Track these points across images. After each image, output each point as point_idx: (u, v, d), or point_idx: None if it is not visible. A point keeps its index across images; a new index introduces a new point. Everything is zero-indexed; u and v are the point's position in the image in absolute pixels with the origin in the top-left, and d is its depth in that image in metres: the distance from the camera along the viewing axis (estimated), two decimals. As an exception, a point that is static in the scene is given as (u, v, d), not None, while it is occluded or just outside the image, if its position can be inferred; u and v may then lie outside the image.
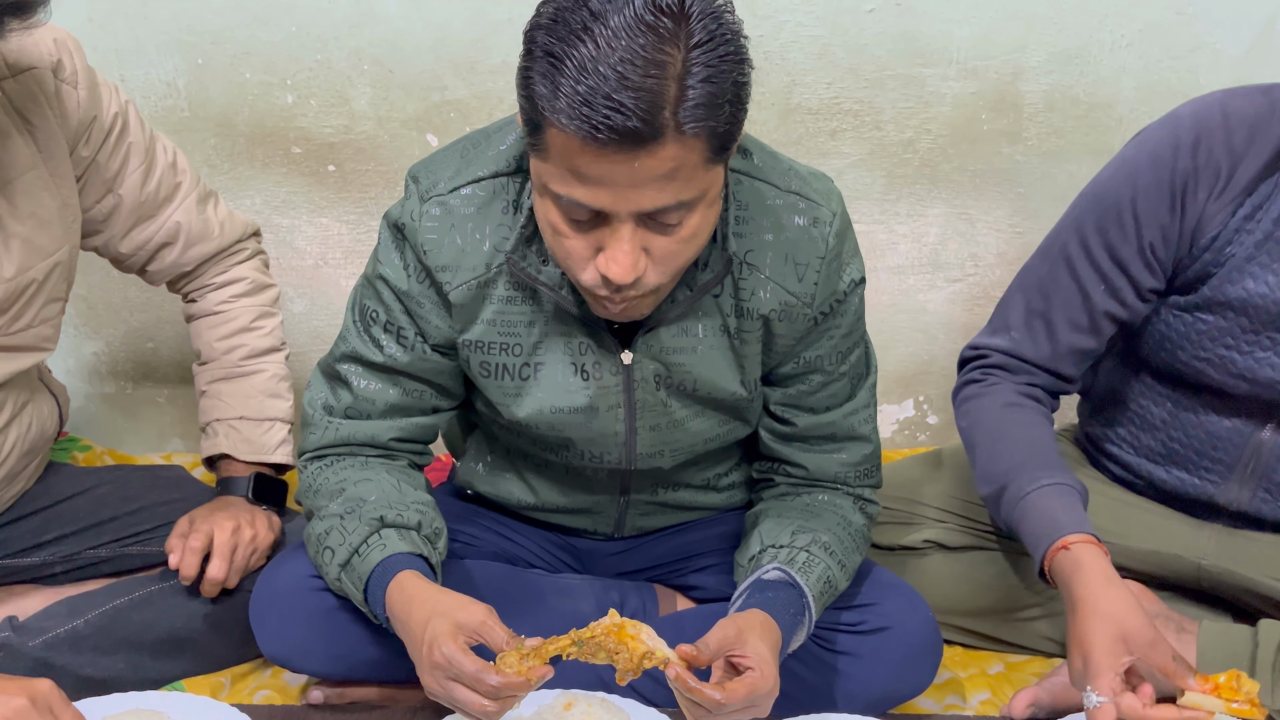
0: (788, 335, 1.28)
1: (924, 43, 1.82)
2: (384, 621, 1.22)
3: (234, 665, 1.50)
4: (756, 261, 1.24)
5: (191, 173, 1.55)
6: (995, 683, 1.53)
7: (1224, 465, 1.44)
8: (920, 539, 1.57)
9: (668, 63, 0.99)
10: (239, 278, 1.61)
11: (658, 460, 1.35)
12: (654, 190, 1.03)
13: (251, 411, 1.56)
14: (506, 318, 1.26)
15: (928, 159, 1.89)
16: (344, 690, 1.40)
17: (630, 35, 0.98)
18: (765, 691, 1.11)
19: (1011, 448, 1.39)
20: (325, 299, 2.00)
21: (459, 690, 1.11)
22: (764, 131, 1.85)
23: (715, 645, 1.13)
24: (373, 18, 1.82)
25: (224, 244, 1.58)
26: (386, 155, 1.90)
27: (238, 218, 1.61)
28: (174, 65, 1.86)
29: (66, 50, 1.38)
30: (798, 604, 1.23)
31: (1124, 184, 1.36)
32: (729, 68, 1.02)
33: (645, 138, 0.99)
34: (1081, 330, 1.42)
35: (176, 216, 1.52)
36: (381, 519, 1.24)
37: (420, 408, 1.34)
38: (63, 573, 1.53)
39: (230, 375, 1.58)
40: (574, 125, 0.99)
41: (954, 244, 1.95)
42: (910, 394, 2.06)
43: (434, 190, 1.24)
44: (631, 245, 1.06)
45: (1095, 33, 1.81)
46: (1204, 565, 1.51)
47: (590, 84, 0.98)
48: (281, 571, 1.36)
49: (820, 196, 1.25)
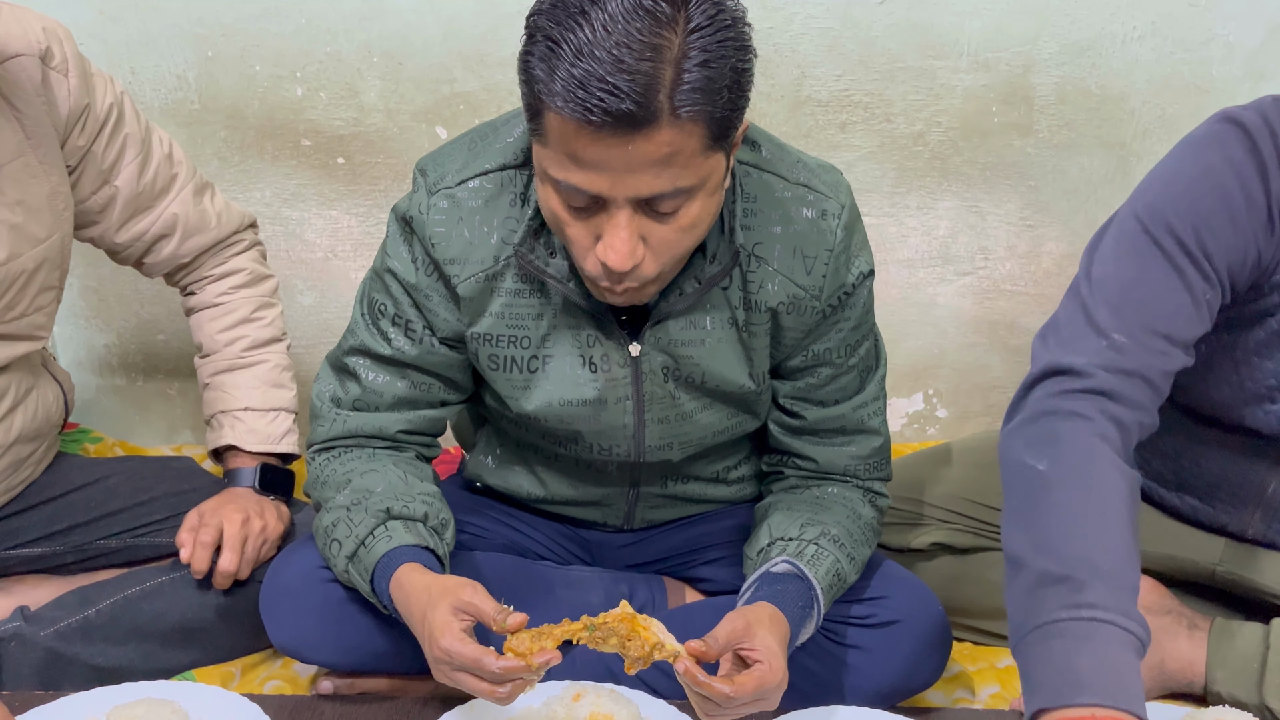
0: (796, 328, 1.28)
1: (935, 35, 1.81)
2: (393, 612, 1.23)
3: (244, 655, 1.50)
4: (765, 254, 1.24)
5: (188, 164, 1.56)
6: (1004, 676, 1.53)
7: (1237, 499, 1.42)
8: (927, 542, 1.56)
9: (664, 47, 0.99)
10: (237, 269, 1.61)
11: (667, 453, 1.35)
12: (650, 176, 1.03)
13: (256, 402, 1.56)
14: (515, 310, 1.26)
15: (938, 152, 1.89)
16: (354, 681, 1.40)
17: (627, 19, 0.98)
18: (774, 685, 1.11)
19: (1094, 533, 1.06)
20: (335, 291, 2.00)
21: (467, 679, 1.11)
22: (774, 124, 1.85)
23: (724, 639, 1.13)
24: (382, 11, 1.82)
25: (221, 235, 1.59)
26: (396, 148, 1.90)
27: (234, 209, 1.62)
28: (184, 58, 1.86)
29: (56, 38, 1.37)
30: (806, 597, 1.23)
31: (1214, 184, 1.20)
32: (728, 53, 1.02)
33: (640, 121, 0.99)
34: (1178, 339, 1.20)
35: (173, 208, 1.52)
36: (388, 510, 1.25)
37: (428, 400, 1.34)
38: (74, 563, 1.54)
39: (233, 367, 1.58)
40: (569, 108, 0.99)
41: (964, 237, 1.95)
42: (920, 387, 2.06)
43: (441, 183, 1.24)
44: (629, 232, 1.06)
45: (1107, 25, 1.80)
46: (1218, 571, 1.50)
47: (586, 67, 0.98)
48: (291, 562, 1.36)
49: (829, 189, 1.25)
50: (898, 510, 1.57)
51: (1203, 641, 1.43)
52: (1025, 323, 2.00)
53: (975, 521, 1.57)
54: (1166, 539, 1.51)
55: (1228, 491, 1.42)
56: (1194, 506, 1.46)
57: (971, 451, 1.67)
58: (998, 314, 2.00)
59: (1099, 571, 1.02)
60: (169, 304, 2.03)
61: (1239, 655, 1.40)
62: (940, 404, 2.07)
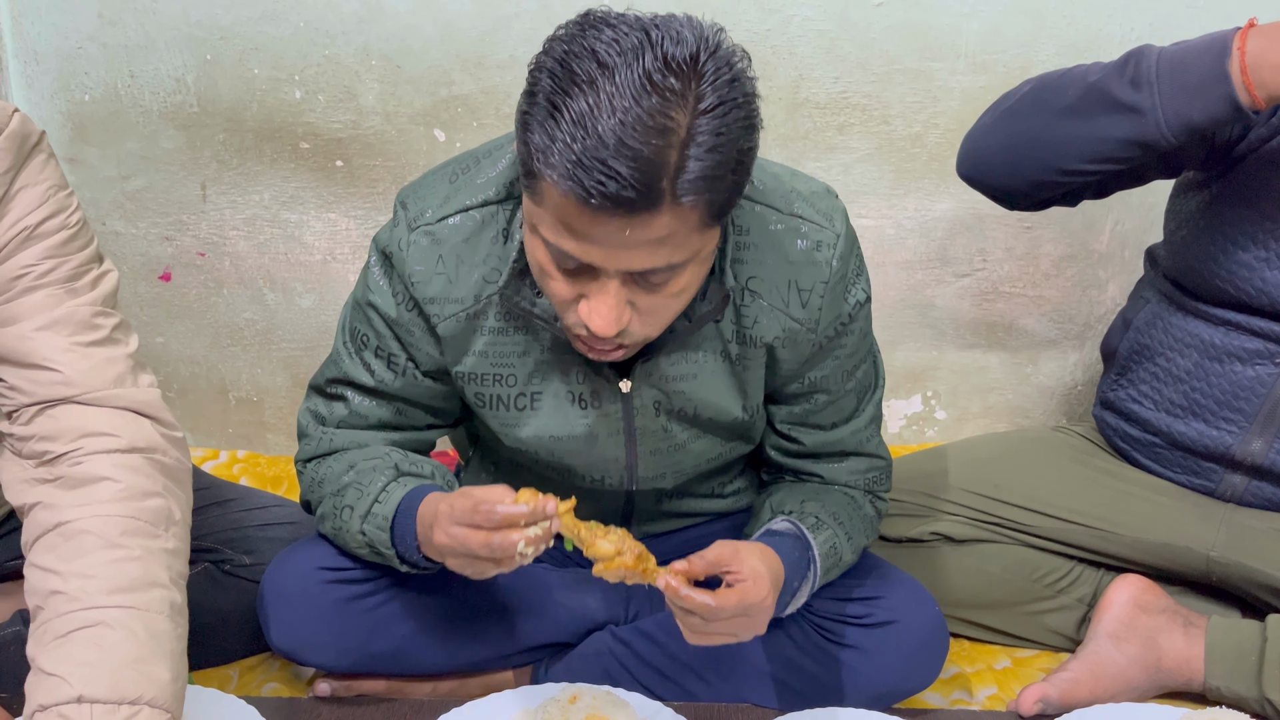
0: (792, 360, 1.26)
1: (932, 37, 1.81)
2: (419, 558, 1.20)
3: (242, 658, 1.50)
4: (759, 289, 1.21)
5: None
6: (1002, 678, 1.53)
7: (1244, 415, 1.45)
8: (928, 531, 1.57)
9: (671, 129, 0.95)
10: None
11: (659, 482, 1.34)
12: (645, 253, 1.01)
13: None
14: (499, 349, 1.23)
15: (936, 153, 1.89)
16: (351, 683, 1.40)
17: (636, 96, 0.94)
18: (757, 602, 1.11)
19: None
20: (333, 294, 2.01)
21: (471, 538, 1.09)
22: (772, 126, 1.84)
23: (711, 558, 1.13)
24: (380, 13, 1.82)
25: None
26: (394, 150, 1.90)
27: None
28: (183, 61, 1.86)
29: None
30: (804, 557, 1.23)
31: None
32: (737, 135, 0.99)
33: (639, 207, 0.96)
34: None
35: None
36: (397, 467, 1.25)
37: (414, 426, 1.33)
38: (72, 567, 1.51)
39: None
40: (566, 185, 0.96)
41: (962, 239, 1.95)
42: (918, 389, 2.06)
43: (421, 219, 1.20)
44: (617, 300, 1.04)
45: (1105, 26, 1.80)
46: (1213, 558, 1.50)
47: (587, 144, 0.94)
48: (289, 564, 1.36)
49: (823, 218, 1.21)
50: (898, 502, 1.58)
51: (1199, 638, 1.43)
52: (1024, 324, 2.00)
53: (976, 512, 1.58)
54: (1162, 525, 1.52)
55: (1235, 409, 1.45)
56: (1200, 431, 1.48)
57: (971, 448, 1.68)
58: (996, 316, 2.00)
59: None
60: (168, 305, 2.03)
61: (1237, 650, 1.41)
62: (939, 405, 2.07)
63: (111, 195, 1.95)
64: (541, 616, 1.41)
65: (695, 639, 1.14)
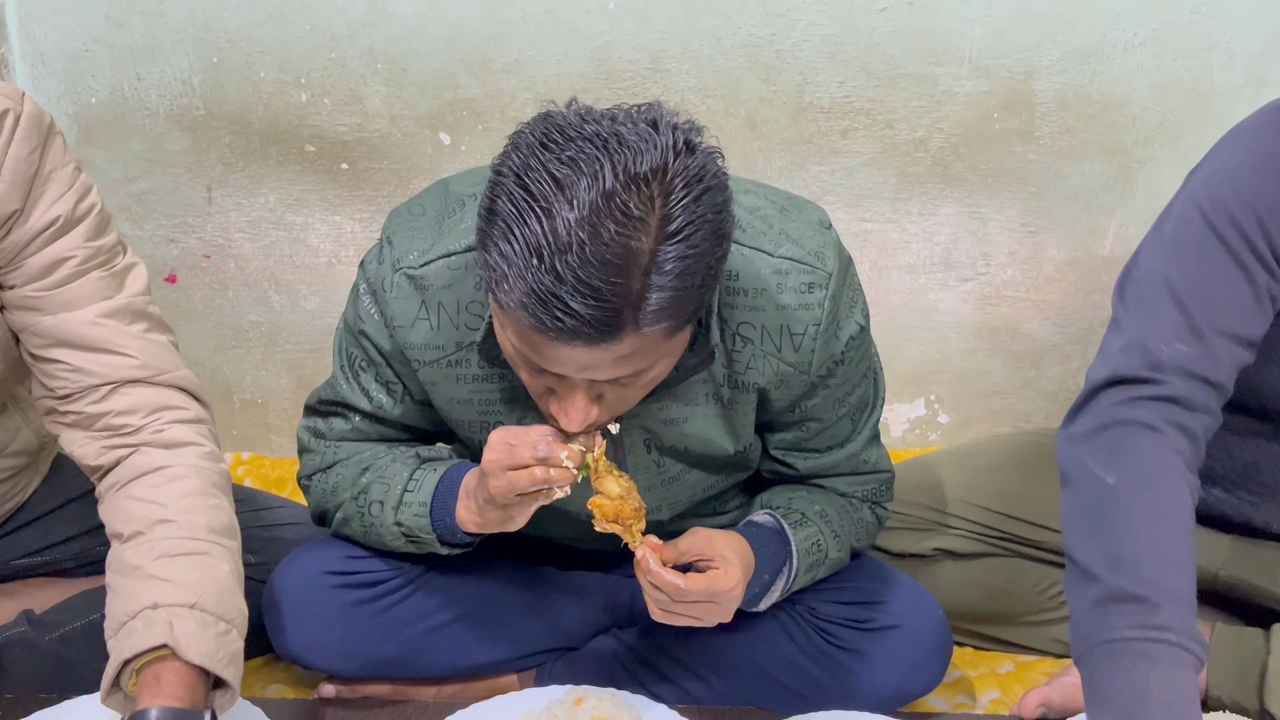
0: (784, 399, 1.24)
1: (936, 41, 1.82)
2: (460, 536, 1.21)
3: (247, 659, 1.50)
4: (750, 335, 1.18)
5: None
6: (1005, 682, 1.53)
7: (1266, 489, 1.41)
8: (930, 547, 1.56)
9: (633, 257, 0.92)
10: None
11: (656, 514, 1.31)
12: (610, 368, 1.00)
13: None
14: (483, 396, 1.23)
15: (940, 158, 1.89)
16: (356, 685, 1.40)
17: (595, 220, 0.90)
18: (725, 589, 1.13)
19: (1164, 552, 1.10)
20: (338, 296, 2.01)
21: (520, 452, 1.08)
22: (776, 130, 1.85)
23: (684, 546, 1.16)
24: (386, 16, 1.83)
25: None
26: (400, 153, 1.91)
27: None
28: (189, 64, 1.87)
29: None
30: (781, 551, 1.24)
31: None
32: (705, 251, 0.95)
33: (599, 338, 0.94)
34: (1243, 338, 1.19)
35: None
36: (418, 455, 1.25)
37: (416, 438, 1.33)
38: (76, 567, 1.54)
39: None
40: (525, 317, 0.94)
41: (966, 243, 1.95)
42: (921, 393, 2.06)
43: (404, 261, 1.18)
44: (585, 402, 1.04)
45: (1109, 32, 1.81)
46: (1221, 574, 1.50)
47: (544, 279, 0.91)
48: (295, 568, 1.36)
49: (814, 258, 1.17)
50: (900, 515, 1.57)
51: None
52: (1027, 328, 2.00)
53: (979, 525, 1.57)
54: None
55: (1257, 481, 1.41)
56: (1219, 499, 1.45)
57: (973, 456, 1.67)
58: (999, 320, 2.00)
59: (1169, 592, 1.07)
60: (173, 307, 2.03)
61: (1240, 660, 1.40)
62: (942, 410, 2.07)
63: (117, 197, 1.95)
64: (546, 620, 1.42)
65: (660, 616, 1.16)
